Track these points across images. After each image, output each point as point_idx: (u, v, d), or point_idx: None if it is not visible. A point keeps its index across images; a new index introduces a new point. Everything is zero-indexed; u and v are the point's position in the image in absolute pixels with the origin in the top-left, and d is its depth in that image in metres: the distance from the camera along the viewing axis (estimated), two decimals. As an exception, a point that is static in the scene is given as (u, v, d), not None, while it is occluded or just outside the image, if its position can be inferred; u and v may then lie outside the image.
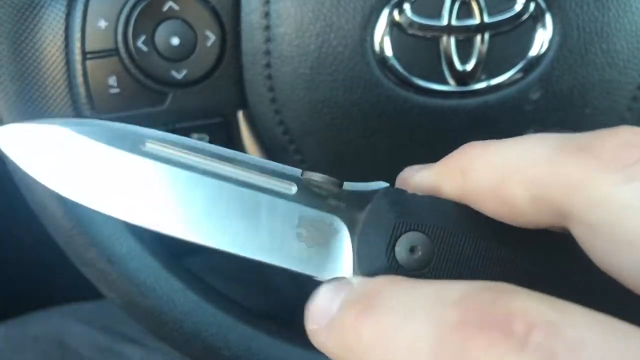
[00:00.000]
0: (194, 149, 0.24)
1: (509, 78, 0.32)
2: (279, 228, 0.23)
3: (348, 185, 0.23)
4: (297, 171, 0.24)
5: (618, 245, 0.17)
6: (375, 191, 0.23)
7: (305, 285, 0.23)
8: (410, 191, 0.23)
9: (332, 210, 0.23)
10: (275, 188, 0.24)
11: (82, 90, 0.33)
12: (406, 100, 0.32)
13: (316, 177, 0.23)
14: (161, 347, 0.50)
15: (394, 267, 0.21)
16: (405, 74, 0.31)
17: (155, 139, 0.24)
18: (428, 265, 0.21)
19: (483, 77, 0.31)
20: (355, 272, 0.22)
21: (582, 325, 0.14)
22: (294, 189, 0.24)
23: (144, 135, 0.24)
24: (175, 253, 0.37)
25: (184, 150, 0.24)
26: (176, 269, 0.35)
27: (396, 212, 0.22)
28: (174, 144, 0.24)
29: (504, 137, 0.33)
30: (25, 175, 0.24)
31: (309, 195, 0.23)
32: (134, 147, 0.24)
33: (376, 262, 0.22)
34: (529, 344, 0.14)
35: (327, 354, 0.20)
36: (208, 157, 0.24)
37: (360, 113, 0.32)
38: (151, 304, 0.34)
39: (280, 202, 0.23)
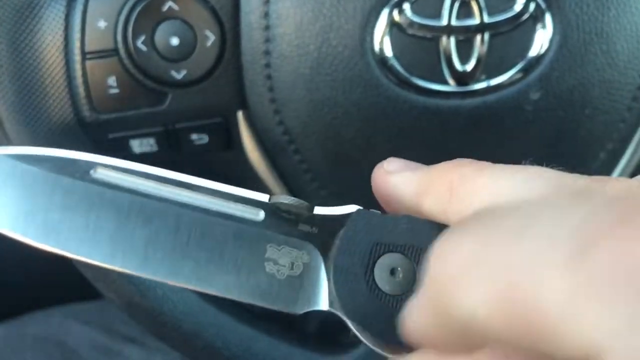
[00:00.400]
0: (150, 176, 0.22)
1: (509, 78, 0.32)
2: (246, 259, 0.21)
3: (319, 209, 0.22)
4: (264, 196, 0.22)
5: None
6: (348, 214, 0.22)
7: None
8: (387, 191, 0.22)
9: (304, 237, 0.22)
10: (241, 214, 0.22)
11: (81, 90, 0.33)
12: (406, 100, 0.32)
13: (285, 200, 0.22)
14: (161, 347, 0.49)
15: (374, 292, 0.21)
16: (405, 74, 0.31)
17: (107, 165, 0.22)
18: (411, 288, 0.20)
19: (483, 77, 0.31)
20: (331, 302, 0.21)
21: None
22: (261, 214, 0.22)
23: (94, 162, 0.22)
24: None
25: (139, 177, 0.22)
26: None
27: (372, 234, 0.21)
28: (128, 170, 0.22)
29: (504, 137, 0.33)
30: None
31: (277, 221, 0.22)
32: (84, 174, 0.22)
33: (355, 288, 0.21)
34: None
35: None
36: (165, 184, 0.22)
37: (359, 113, 0.32)
38: (150, 304, 0.34)
39: (246, 229, 0.22)
